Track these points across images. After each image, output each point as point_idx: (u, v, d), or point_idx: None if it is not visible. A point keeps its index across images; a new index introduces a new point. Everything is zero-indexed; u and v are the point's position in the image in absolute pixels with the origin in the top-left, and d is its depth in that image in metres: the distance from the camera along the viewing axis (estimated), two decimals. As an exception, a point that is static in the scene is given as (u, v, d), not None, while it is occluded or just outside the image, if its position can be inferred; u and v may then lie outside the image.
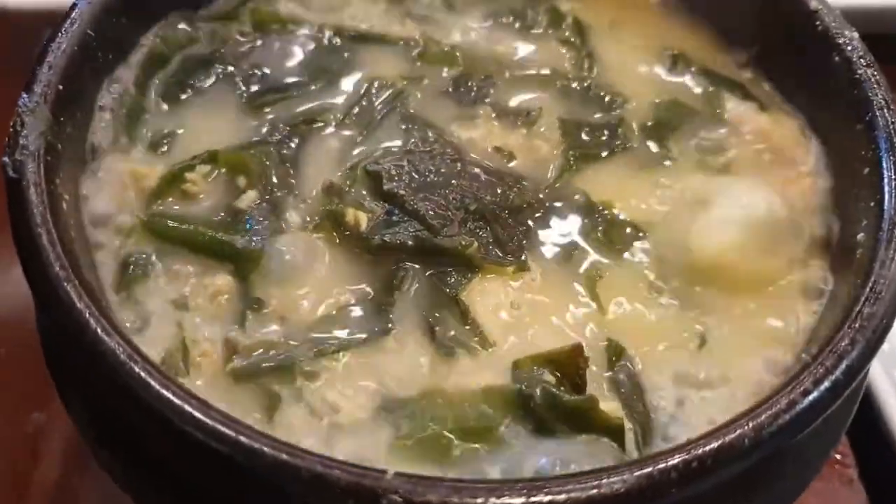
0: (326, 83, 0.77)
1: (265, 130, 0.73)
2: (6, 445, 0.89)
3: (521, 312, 0.65)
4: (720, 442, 0.50)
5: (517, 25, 0.84)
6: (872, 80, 0.70)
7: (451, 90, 0.78)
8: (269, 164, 0.71)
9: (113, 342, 0.53)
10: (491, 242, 0.67)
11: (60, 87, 0.65)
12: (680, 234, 0.70)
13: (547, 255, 0.69)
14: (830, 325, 0.59)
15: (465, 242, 0.66)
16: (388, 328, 0.63)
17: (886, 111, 0.68)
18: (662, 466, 0.49)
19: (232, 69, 0.77)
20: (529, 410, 0.58)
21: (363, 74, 0.78)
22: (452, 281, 0.66)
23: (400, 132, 0.75)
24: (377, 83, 0.77)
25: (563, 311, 0.65)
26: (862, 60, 0.71)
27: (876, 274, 0.59)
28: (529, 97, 0.79)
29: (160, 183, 0.69)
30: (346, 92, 0.77)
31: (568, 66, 0.82)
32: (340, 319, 0.64)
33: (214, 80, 0.76)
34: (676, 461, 0.49)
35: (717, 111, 0.80)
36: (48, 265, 0.56)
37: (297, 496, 0.49)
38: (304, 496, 0.49)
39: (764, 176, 0.76)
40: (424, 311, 0.64)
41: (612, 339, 0.64)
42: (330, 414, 0.60)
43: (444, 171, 0.70)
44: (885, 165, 0.65)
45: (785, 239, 0.70)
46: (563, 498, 0.47)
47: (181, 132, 0.73)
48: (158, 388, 0.51)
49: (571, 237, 0.70)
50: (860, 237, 0.64)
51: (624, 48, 0.84)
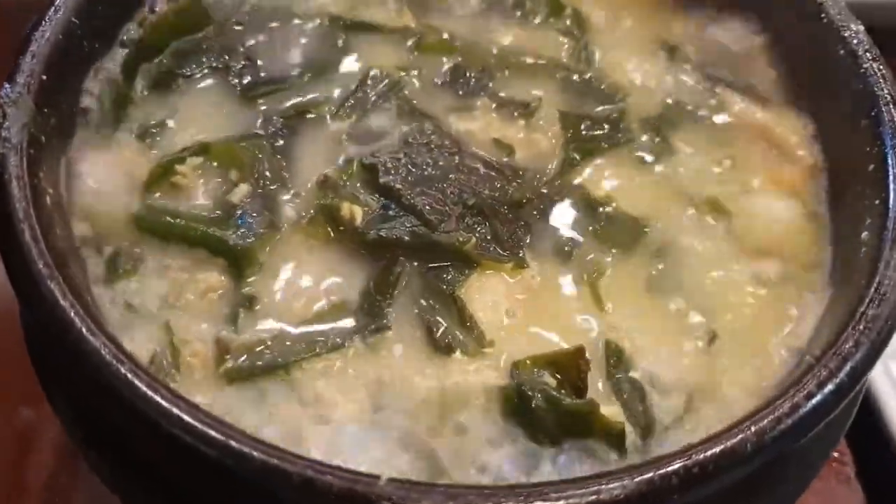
0: (321, 74, 0.76)
1: (258, 122, 0.72)
2: (-6, 441, 0.88)
3: (519, 311, 0.64)
4: (722, 447, 0.49)
5: (517, 15, 0.83)
6: (878, 74, 0.68)
7: (448, 81, 0.77)
8: (261, 156, 0.69)
9: (98, 341, 0.52)
10: (489, 238, 0.66)
11: (44, 77, 0.63)
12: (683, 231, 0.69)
13: (546, 251, 0.67)
14: (834, 326, 0.58)
15: (462, 238, 0.65)
16: (383, 326, 0.62)
17: (892, 106, 0.67)
18: (663, 472, 0.48)
19: (225, 59, 0.75)
20: (528, 413, 0.57)
21: (359, 65, 0.77)
22: (449, 277, 0.64)
23: (397, 124, 0.73)
24: (373, 74, 0.76)
25: (562, 309, 0.64)
26: (868, 54, 0.70)
27: (881, 274, 0.58)
28: (529, 89, 0.77)
29: (150, 175, 0.67)
30: (341, 83, 0.75)
31: (567, 57, 0.80)
32: (335, 316, 0.63)
33: (206, 70, 0.75)
34: (677, 466, 0.48)
35: (716, 106, 0.78)
36: (31, 262, 0.55)
37: (288, 502, 0.48)
38: (295, 502, 0.47)
39: (766, 172, 0.74)
40: (421, 308, 0.63)
41: (612, 340, 0.62)
42: (324, 414, 0.58)
43: (441, 164, 0.69)
44: (890, 162, 0.64)
45: (790, 239, 0.69)
46: (561, 504, 0.46)
47: (171, 123, 0.71)
48: (145, 389, 0.50)
49: (572, 233, 0.69)
50: (864, 236, 0.62)
51: (624, 40, 0.82)
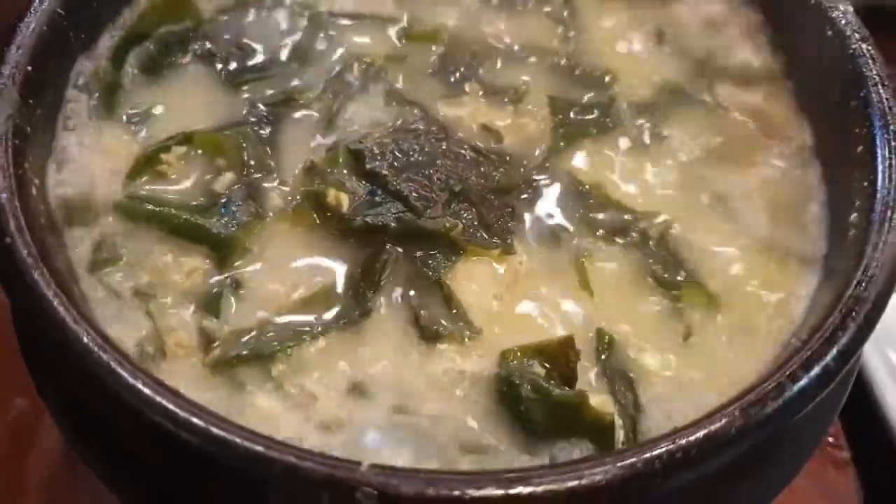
0: (307, 62, 0.76)
1: (243, 110, 0.72)
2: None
3: (507, 298, 0.64)
4: (706, 431, 0.49)
5: (506, 1, 0.82)
6: (867, 54, 0.68)
7: (437, 69, 0.76)
8: (246, 144, 0.69)
9: (81, 330, 0.52)
10: (476, 224, 0.66)
11: (29, 68, 0.63)
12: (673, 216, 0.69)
13: (534, 238, 0.67)
14: (822, 308, 0.57)
15: (449, 224, 0.65)
16: (369, 312, 0.62)
17: (881, 87, 0.66)
18: (646, 457, 0.47)
19: (210, 47, 0.75)
20: (518, 402, 0.57)
21: (346, 53, 0.77)
22: (436, 264, 0.64)
23: (384, 111, 0.73)
24: (360, 61, 0.75)
25: (551, 297, 0.64)
26: (856, 34, 0.69)
27: (868, 257, 0.57)
28: (518, 75, 0.77)
29: (135, 164, 0.68)
30: (327, 71, 0.75)
31: (556, 42, 0.80)
32: (320, 303, 0.63)
33: (192, 58, 0.75)
34: (661, 451, 0.48)
35: (707, 89, 0.78)
36: (16, 252, 0.55)
37: (270, 488, 0.48)
38: (277, 488, 0.47)
39: (755, 154, 0.74)
40: (408, 295, 0.63)
41: (601, 328, 0.62)
42: (307, 401, 0.58)
43: (428, 150, 0.69)
44: (878, 144, 0.64)
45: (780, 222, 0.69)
46: (542, 490, 0.46)
47: (157, 111, 0.71)
48: (128, 377, 0.50)
49: (559, 220, 0.68)
50: (853, 218, 0.62)
51: (613, 24, 0.82)
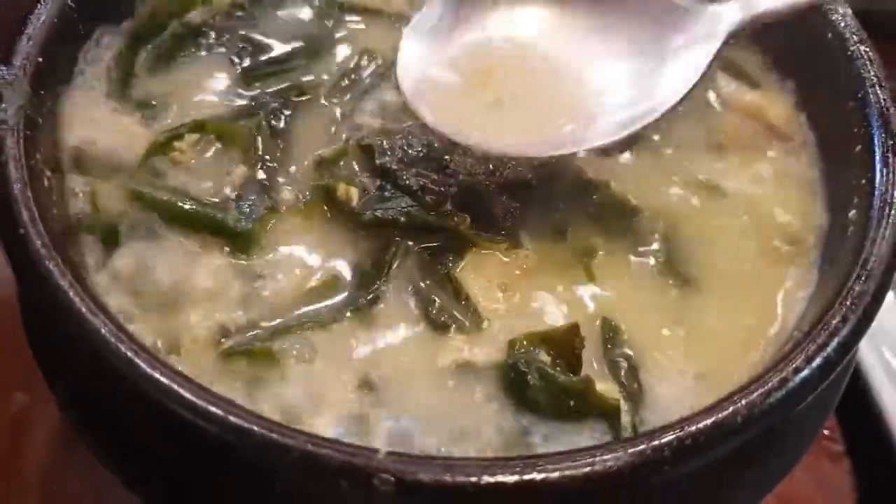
0: (319, 56, 0.76)
1: (255, 103, 0.72)
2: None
3: (514, 290, 0.64)
4: (713, 419, 0.50)
5: None
6: (865, 56, 0.69)
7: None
8: (258, 137, 0.69)
9: (98, 321, 0.52)
10: (484, 218, 0.66)
11: (40, 59, 0.63)
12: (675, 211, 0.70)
13: (541, 232, 0.68)
14: (822, 302, 0.59)
15: (457, 219, 0.66)
16: (379, 305, 0.63)
17: (879, 88, 0.68)
18: (656, 444, 0.49)
19: (223, 40, 0.75)
20: (525, 390, 0.58)
21: (357, 47, 0.77)
22: (445, 258, 0.65)
23: (394, 106, 0.73)
24: (372, 57, 0.76)
25: (557, 289, 0.65)
26: (855, 37, 0.70)
27: (867, 252, 0.59)
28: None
29: (148, 150, 0.68)
30: (338, 65, 0.76)
31: None
32: (330, 295, 0.63)
33: (205, 51, 0.75)
34: (670, 439, 0.49)
35: (709, 87, 0.79)
36: (29, 242, 0.55)
37: (286, 476, 0.48)
38: (294, 476, 0.48)
39: (756, 153, 0.75)
40: (417, 287, 0.64)
41: (607, 317, 0.63)
42: (317, 391, 0.59)
43: (437, 145, 0.69)
44: (876, 143, 0.65)
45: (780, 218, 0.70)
46: (556, 476, 0.47)
47: (169, 104, 0.72)
48: (145, 367, 0.50)
49: (566, 215, 0.69)
50: (852, 215, 0.64)
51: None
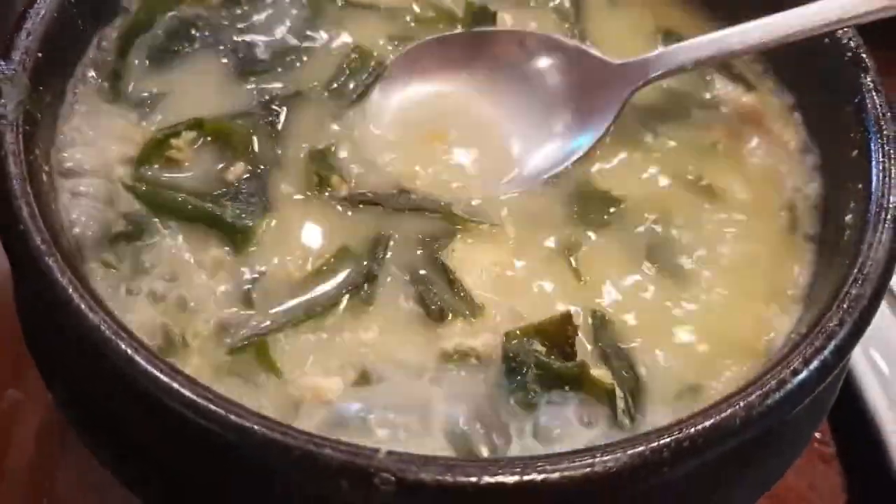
0: (315, 51, 0.76)
1: (251, 100, 0.72)
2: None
3: (506, 280, 0.65)
4: (712, 421, 0.50)
5: None
6: (862, 61, 0.70)
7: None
8: (255, 133, 0.70)
9: (97, 318, 0.52)
10: (469, 203, 0.68)
11: (40, 54, 0.63)
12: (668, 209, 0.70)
13: (525, 221, 0.69)
14: (819, 305, 0.59)
15: (444, 203, 0.68)
16: (375, 293, 0.64)
17: (875, 94, 0.68)
18: (655, 445, 0.49)
19: (219, 36, 0.75)
20: (521, 380, 0.59)
21: (352, 42, 0.77)
22: (437, 245, 0.66)
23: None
24: (364, 52, 0.76)
25: (547, 279, 0.66)
26: (851, 42, 0.71)
27: (864, 255, 0.59)
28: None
29: (145, 148, 0.68)
30: (335, 60, 0.76)
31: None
32: (325, 284, 0.64)
33: (200, 46, 0.75)
34: (669, 440, 0.49)
35: (704, 89, 0.79)
36: (28, 238, 0.54)
37: (286, 476, 0.48)
38: (294, 476, 0.48)
39: (750, 155, 0.76)
40: (412, 276, 0.65)
41: (596, 308, 0.64)
42: (316, 385, 0.59)
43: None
44: (873, 148, 0.65)
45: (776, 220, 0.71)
46: (556, 476, 0.47)
47: (166, 99, 0.72)
48: (145, 364, 0.50)
49: (550, 205, 0.70)
50: (848, 219, 0.64)
51: (619, 25, 0.83)
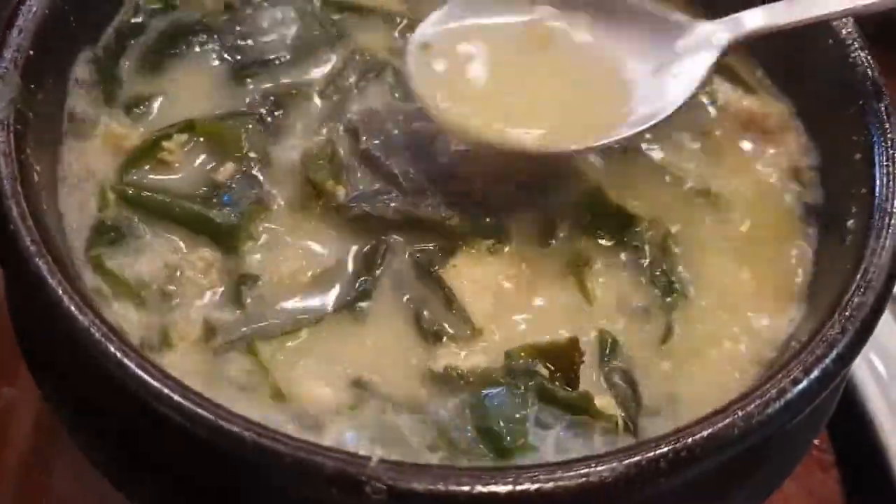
0: (311, 54, 0.75)
1: (245, 101, 0.72)
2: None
3: (506, 297, 0.64)
4: (709, 431, 0.49)
5: None
6: (865, 63, 0.69)
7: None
8: (248, 135, 0.69)
9: (87, 320, 0.51)
10: (470, 215, 0.66)
11: (31, 52, 0.62)
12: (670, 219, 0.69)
13: (530, 235, 0.67)
14: (820, 313, 0.58)
15: (445, 214, 0.65)
16: (368, 305, 0.62)
17: (879, 96, 0.67)
18: (651, 455, 0.48)
19: (214, 38, 0.75)
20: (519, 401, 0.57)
21: (348, 46, 0.76)
22: (435, 257, 0.65)
23: (386, 104, 0.73)
24: (362, 55, 0.76)
25: (549, 297, 0.64)
26: (855, 43, 0.70)
27: (867, 262, 0.58)
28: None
29: (136, 150, 0.67)
30: (329, 64, 0.75)
31: None
32: (317, 295, 0.63)
33: (196, 48, 0.74)
34: (665, 450, 0.48)
35: (705, 93, 0.78)
36: (18, 238, 0.54)
37: (277, 483, 0.48)
38: (286, 483, 0.47)
39: (751, 159, 0.75)
40: (406, 289, 0.63)
41: (604, 330, 0.62)
42: (305, 395, 0.58)
43: (423, 137, 0.69)
44: (876, 151, 0.65)
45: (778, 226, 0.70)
46: (550, 486, 0.46)
47: (159, 100, 0.71)
48: (135, 368, 0.49)
49: (556, 218, 0.68)
50: (850, 224, 0.63)
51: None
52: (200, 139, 0.68)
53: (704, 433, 0.49)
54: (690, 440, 0.49)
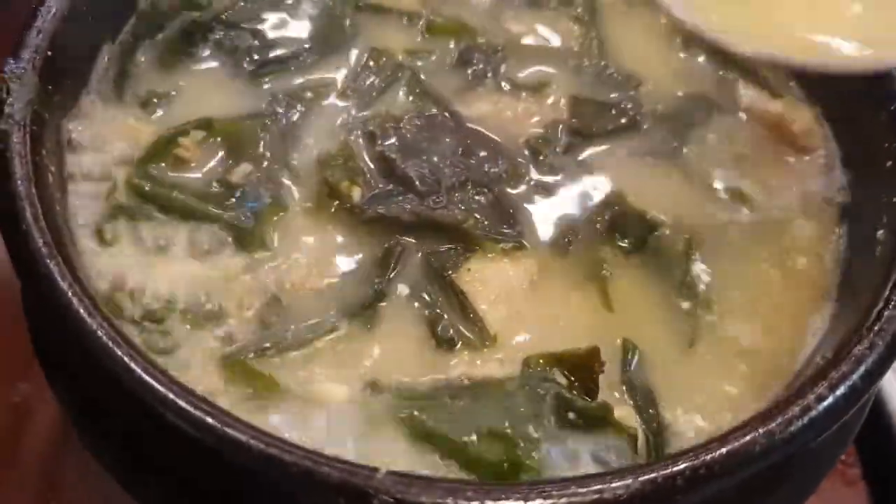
0: (328, 54, 0.75)
1: (263, 100, 0.71)
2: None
3: (524, 304, 0.63)
4: (729, 448, 0.48)
5: (529, 3, 0.81)
6: (896, 68, 0.67)
7: (456, 64, 0.76)
8: (264, 134, 0.69)
9: (95, 323, 0.51)
10: (487, 218, 0.65)
11: (49, 53, 0.62)
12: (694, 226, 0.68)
13: (548, 240, 0.66)
14: (847, 326, 0.56)
15: (461, 217, 0.64)
16: (381, 311, 0.61)
17: (912, 103, 0.65)
18: (667, 472, 0.47)
19: (231, 36, 0.74)
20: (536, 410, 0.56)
21: (366, 46, 0.76)
22: (450, 260, 0.64)
23: (401, 105, 0.73)
24: (380, 55, 0.75)
25: (567, 303, 0.63)
26: (888, 48, 0.68)
27: (896, 274, 0.56)
28: (538, 74, 0.76)
29: (153, 146, 0.67)
30: (348, 63, 0.75)
31: (576, 45, 0.79)
32: (334, 298, 0.62)
33: (212, 47, 0.74)
34: (683, 467, 0.47)
35: (730, 97, 0.77)
36: (31, 240, 0.54)
37: (285, 492, 0.47)
38: (292, 492, 0.47)
39: (777, 165, 0.73)
40: (421, 293, 0.62)
41: (627, 339, 0.61)
42: (318, 399, 0.57)
43: (440, 138, 0.68)
44: (908, 159, 0.63)
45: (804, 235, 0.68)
46: (563, 502, 0.45)
47: (176, 99, 0.71)
48: (141, 373, 0.49)
49: (573, 222, 0.67)
50: (880, 234, 0.61)
51: (637, 29, 0.81)
52: (218, 137, 0.68)
53: (724, 450, 0.48)
54: (709, 457, 0.47)
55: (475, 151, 0.68)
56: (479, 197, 0.66)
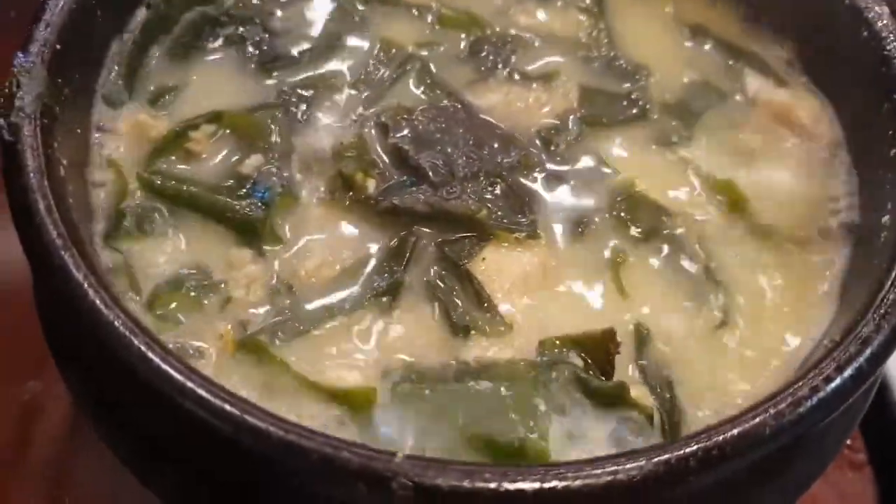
0: (338, 47, 0.76)
1: (273, 94, 0.72)
2: (1, 413, 0.88)
3: (537, 290, 0.63)
4: (740, 430, 0.48)
5: None
6: (900, 57, 0.67)
7: (466, 56, 0.77)
8: (275, 127, 0.69)
9: (111, 314, 0.51)
10: (500, 207, 0.66)
11: (58, 46, 0.62)
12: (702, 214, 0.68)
13: (562, 228, 0.67)
14: (854, 310, 0.57)
15: (474, 207, 0.65)
16: (398, 299, 0.62)
17: (916, 91, 0.66)
18: (681, 454, 0.47)
19: (242, 30, 0.75)
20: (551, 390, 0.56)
21: (377, 39, 0.76)
22: (464, 250, 0.64)
23: (412, 96, 0.73)
24: (390, 47, 0.76)
25: (581, 289, 0.64)
26: (892, 36, 0.68)
27: (902, 259, 0.57)
28: (548, 65, 0.77)
29: (163, 140, 0.67)
30: (358, 56, 0.75)
31: (584, 36, 0.80)
32: (348, 284, 0.63)
33: (223, 40, 0.74)
34: (695, 448, 0.47)
35: (736, 86, 0.78)
36: (44, 232, 0.54)
37: (304, 479, 0.47)
38: (311, 479, 0.47)
39: (783, 153, 0.73)
40: (436, 282, 0.63)
41: (640, 323, 0.62)
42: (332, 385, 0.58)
43: (451, 130, 0.69)
44: (913, 147, 0.63)
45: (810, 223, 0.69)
46: (578, 484, 0.45)
47: (186, 92, 0.71)
48: (159, 362, 0.49)
49: (586, 211, 0.68)
50: (885, 220, 0.62)
51: (644, 19, 0.81)
52: (228, 130, 0.68)
53: (735, 431, 0.48)
54: (721, 438, 0.48)
55: (487, 142, 0.69)
56: (492, 187, 0.67)
